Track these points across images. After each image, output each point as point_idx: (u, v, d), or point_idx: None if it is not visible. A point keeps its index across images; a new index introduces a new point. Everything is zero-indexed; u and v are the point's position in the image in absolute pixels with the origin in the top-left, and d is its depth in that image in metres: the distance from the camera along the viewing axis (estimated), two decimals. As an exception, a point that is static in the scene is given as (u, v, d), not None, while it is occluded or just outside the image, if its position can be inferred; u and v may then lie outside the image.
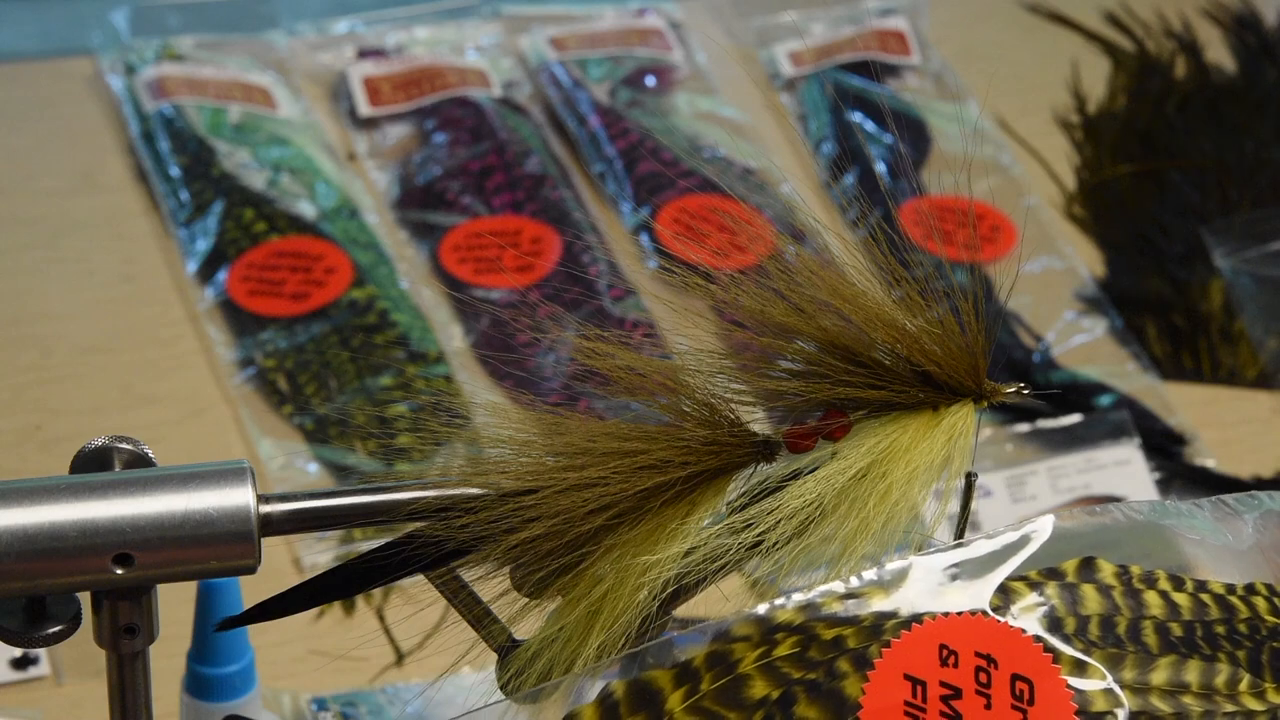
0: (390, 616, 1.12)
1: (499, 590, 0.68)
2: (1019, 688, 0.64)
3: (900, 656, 0.63)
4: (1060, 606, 0.65)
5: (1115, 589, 0.66)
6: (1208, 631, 0.66)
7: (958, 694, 0.63)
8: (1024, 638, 0.64)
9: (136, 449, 0.68)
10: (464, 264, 1.34)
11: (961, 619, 0.64)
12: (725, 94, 1.50)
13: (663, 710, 0.63)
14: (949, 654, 0.64)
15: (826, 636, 0.64)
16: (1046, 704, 0.64)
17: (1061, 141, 1.52)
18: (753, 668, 0.64)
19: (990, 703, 0.63)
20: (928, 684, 0.63)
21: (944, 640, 0.64)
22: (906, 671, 0.63)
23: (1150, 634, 0.66)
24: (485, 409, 0.68)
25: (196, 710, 0.93)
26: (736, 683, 0.64)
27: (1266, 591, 0.68)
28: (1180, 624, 0.66)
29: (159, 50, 1.46)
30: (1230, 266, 1.38)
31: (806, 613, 0.64)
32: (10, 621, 0.67)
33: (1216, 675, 0.66)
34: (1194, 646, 0.66)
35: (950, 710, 0.63)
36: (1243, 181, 1.47)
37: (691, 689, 0.64)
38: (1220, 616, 0.66)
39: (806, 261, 0.68)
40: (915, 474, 0.68)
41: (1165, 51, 1.60)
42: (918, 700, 0.63)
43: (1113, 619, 0.65)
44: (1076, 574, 0.66)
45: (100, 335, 1.28)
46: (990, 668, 0.64)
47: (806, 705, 0.64)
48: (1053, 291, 1.38)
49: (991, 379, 0.69)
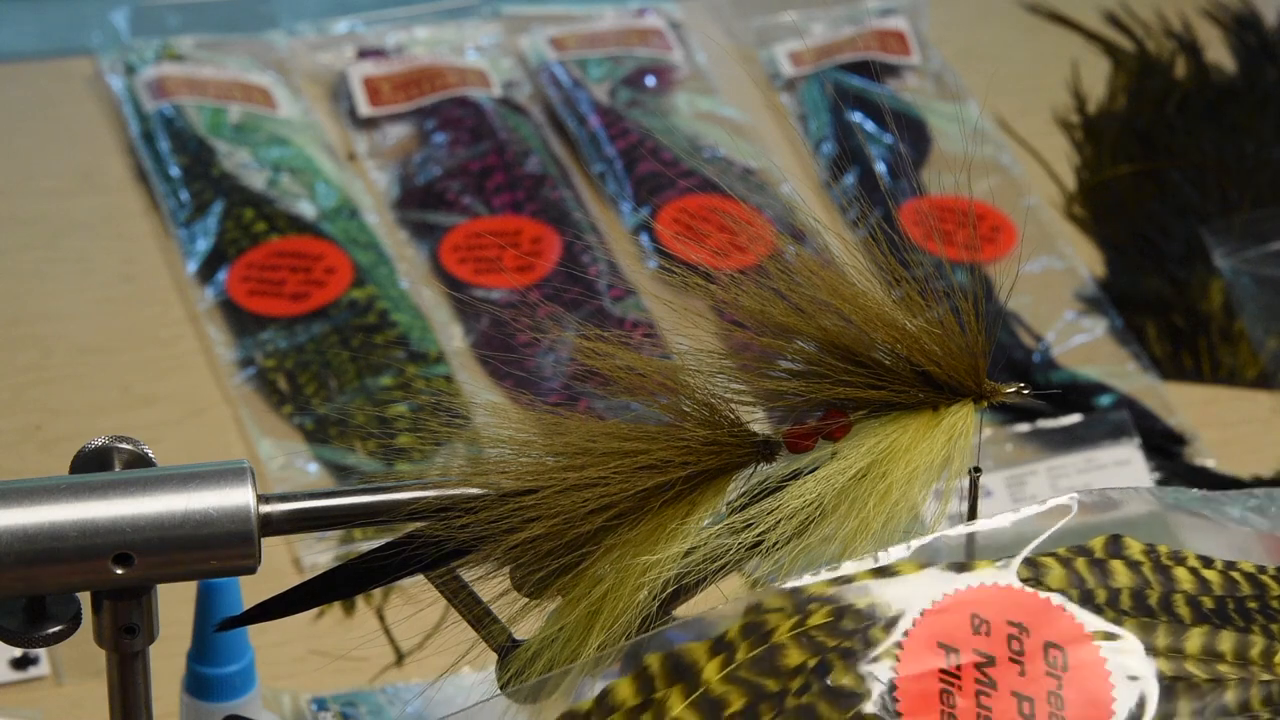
0: (390, 616, 1.12)
1: (499, 590, 0.68)
2: (1052, 655, 0.64)
3: (933, 625, 0.64)
4: (1090, 579, 0.65)
5: (1144, 564, 0.66)
6: (1240, 605, 0.66)
7: (991, 661, 0.64)
8: (1054, 606, 0.64)
9: (136, 449, 0.68)
10: (464, 264, 1.34)
11: (992, 589, 0.64)
12: (725, 94, 1.50)
13: (700, 680, 0.64)
14: (981, 622, 0.64)
15: (860, 605, 0.64)
16: (1081, 670, 0.64)
17: (1061, 141, 1.52)
18: (787, 637, 0.64)
19: (1024, 670, 0.64)
20: (961, 651, 0.64)
21: (975, 610, 0.64)
22: (940, 640, 0.64)
23: (1182, 606, 0.66)
24: (485, 409, 0.68)
25: (196, 710, 0.93)
26: (771, 652, 0.64)
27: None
28: (1212, 598, 0.66)
29: (159, 50, 1.46)
30: (1230, 266, 1.38)
31: (838, 585, 0.64)
32: (10, 621, 0.67)
33: (1251, 647, 0.66)
34: (1227, 618, 0.66)
35: (985, 677, 0.64)
36: (1243, 181, 1.47)
37: (727, 659, 0.64)
38: (1252, 593, 0.66)
39: (806, 261, 0.68)
40: (915, 474, 0.68)
41: (1165, 51, 1.60)
42: (951, 667, 0.64)
43: (1144, 591, 0.66)
44: (1104, 550, 0.66)
45: (100, 335, 1.28)
46: (1023, 635, 0.64)
47: (842, 672, 0.64)
48: (1053, 291, 1.38)
49: (991, 379, 0.69)
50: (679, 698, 0.64)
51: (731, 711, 0.64)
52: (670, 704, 0.64)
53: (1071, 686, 0.64)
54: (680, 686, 0.64)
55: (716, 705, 0.64)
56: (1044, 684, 0.64)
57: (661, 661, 0.64)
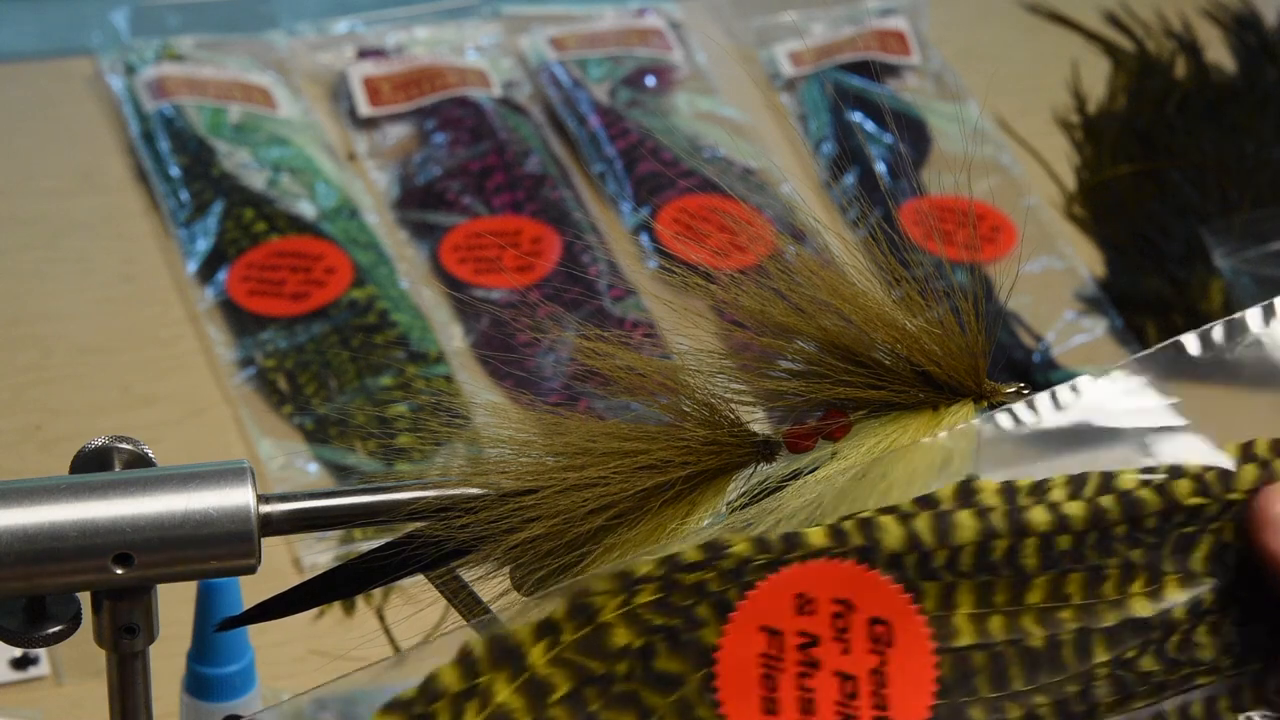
0: (390, 616, 1.12)
1: (499, 590, 0.68)
2: (877, 630, 0.63)
3: (756, 609, 0.63)
4: (930, 539, 0.64)
5: (995, 510, 0.65)
6: (1102, 537, 0.65)
7: (815, 641, 0.63)
8: (881, 580, 0.63)
9: (136, 449, 0.68)
10: (464, 264, 1.34)
11: (819, 564, 0.63)
12: (725, 94, 1.50)
13: (525, 664, 0.63)
14: (806, 602, 0.63)
15: (687, 581, 0.64)
16: (905, 643, 0.63)
17: (1061, 141, 1.52)
18: (614, 615, 0.63)
19: (848, 647, 0.63)
20: (784, 634, 0.63)
21: (801, 589, 0.63)
22: (763, 624, 0.63)
23: (1031, 554, 0.65)
24: (485, 409, 0.68)
25: (196, 710, 0.93)
26: (598, 631, 0.63)
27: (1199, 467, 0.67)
28: (1070, 535, 0.65)
29: (159, 50, 1.46)
30: (1230, 266, 1.38)
31: (667, 564, 0.64)
32: (10, 621, 0.67)
33: (1104, 582, 0.65)
34: (1080, 558, 0.65)
35: (808, 657, 0.63)
36: (1243, 181, 1.47)
37: (553, 641, 0.63)
38: (1121, 517, 0.66)
39: (806, 261, 0.68)
40: (915, 474, 0.68)
41: (1165, 51, 1.60)
42: (774, 651, 0.63)
43: (989, 544, 0.64)
44: (954, 499, 0.65)
45: (100, 335, 1.28)
46: (848, 612, 0.63)
47: (666, 657, 0.64)
48: (1053, 291, 1.38)
49: (991, 379, 0.69)
50: (504, 682, 0.63)
51: (558, 696, 0.63)
52: (496, 688, 0.63)
53: (895, 662, 0.63)
54: (506, 670, 0.63)
55: (543, 688, 0.63)
56: (868, 661, 0.63)
57: (486, 645, 0.63)
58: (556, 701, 0.63)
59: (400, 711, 0.64)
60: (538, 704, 0.63)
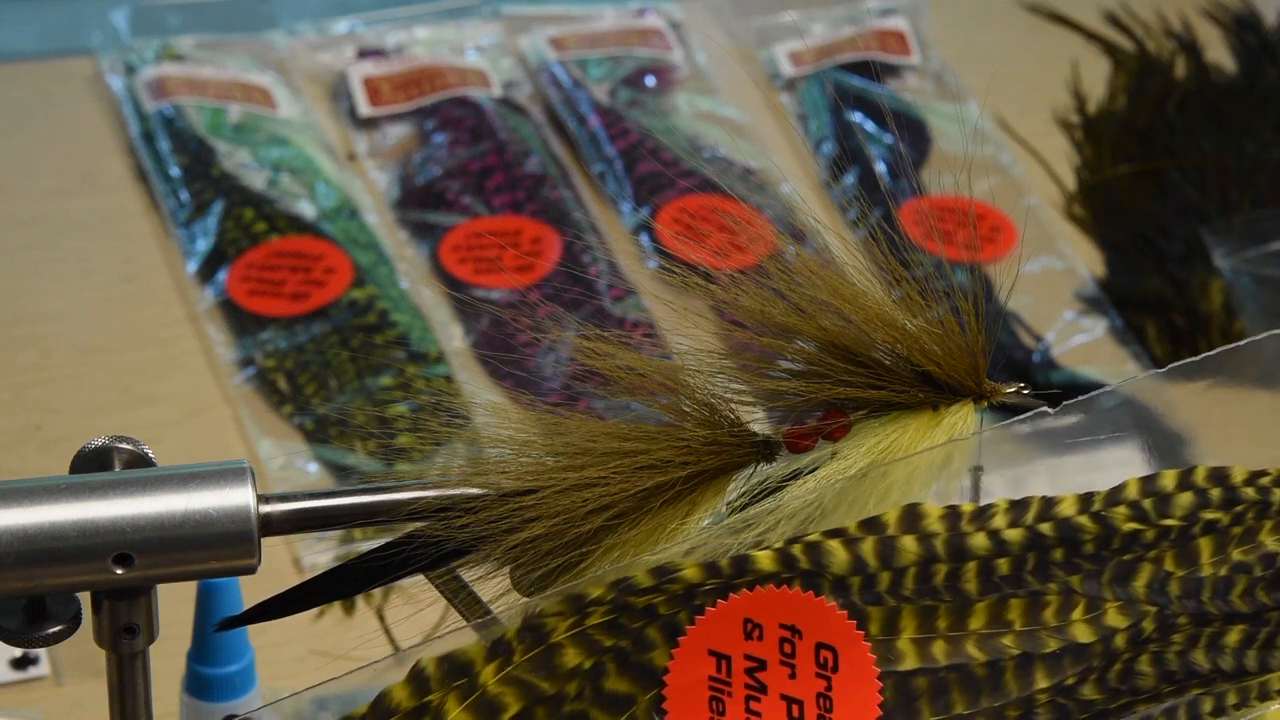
0: (390, 616, 1.12)
1: (499, 590, 0.68)
2: (823, 656, 0.64)
3: (705, 634, 0.64)
4: (874, 562, 0.65)
5: (938, 536, 0.65)
6: (1041, 561, 0.66)
7: (762, 665, 0.64)
8: (827, 606, 0.64)
9: (136, 449, 0.68)
10: (464, 264, 1.34)
11: (767, 591, 0.64)
12: (725, 94, 1.50)
13: (477, 683, 0.64)
14: (754, 627, 0.64)
15: (638, 604, 0.64)
16: (850, 669, 0.64)
17: (1061, 141, 1.52)
18: (564, 636, 0.64)
19: (795, 672, 0.64)
20: (732, 658, 0.64)
21: (748, 614, 0.64)
22: (711, 648, 0.64)
23: (971, 579, 0.65)
24: (485, 409, 0.68)
25: (196, 710, 0.93)
26: (549, 651, 0.64)
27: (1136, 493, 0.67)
28: (1009, 560, 0.66)
29: (159, 50, 1.46)
30: (1230, 266, 1.38)
31: (617, 588, 0.64)
32: (10, 621, 0.67)
33: (1044, 608, 0.65)
34: (1020, 583, 0.65)
35: (755, 681, 0.64)
36: (1243, 181, 1.47)
37: (504, 661, 0.64)
38: (1057, 540, 0.66)
39: (806, 261, 0.68)
40: (915, 474, 0.68)
41: (1165, 51, 1.60)
42: (722, 674, 0.64)
43: (930, 568, 0.65)
44: (898, 525, 0.66)
45: (100, 335, 1.28)
46: (795, 638, 0.64)
47: (616, 678, 0.64)
48: (1053, 291, 1.38)
49: (991, 379, 0.69)
50: (455, 700, 0.64)
51: (508, 715, 0.64)
52: (447, 707, 0.63)
53: (840, 687, 0.64)
54: (457, 689, 0.64)
55: (493, 708, 0.63)
56: (814, 685, 0.64)
57: (437, 664, 0.64)
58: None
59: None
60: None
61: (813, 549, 0.64)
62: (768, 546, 0.65)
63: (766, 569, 0.64)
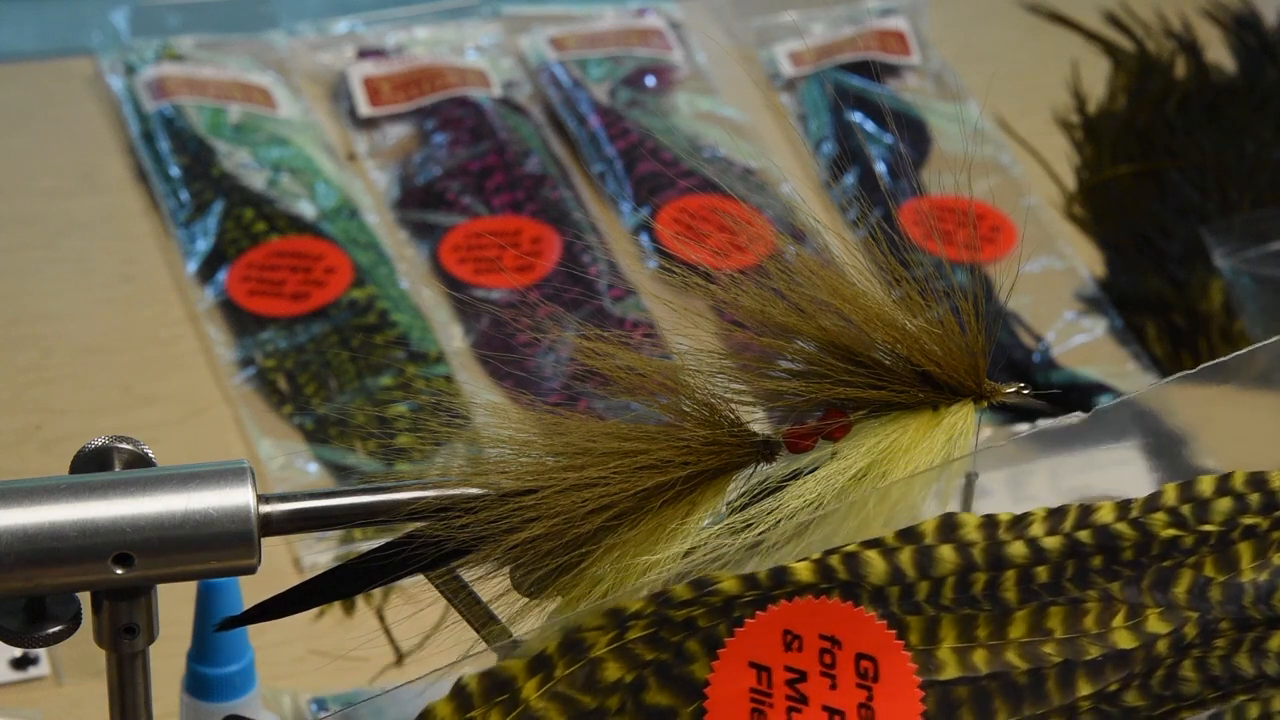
0: (390, 616, 1.12)
1: (499, 590, 0.68)
2: (863, 666, 0.64)
3: (745, 645, 0.64)
4: (912, 572, 0.65)
5: (976, 545, 0.65)
6: (1080, 569, 0.66)
7: (803, 677, 0.64)
8: (866, 616, 0.64)
9: (136, 449, 0.68)
10: (464, 264, 1.34)
11: (805, 603, 0.64)
12: (725, 94, 1.50)
13: (519, 698, 0.64)
14: (793, 639, 0.64)
15: (677, 618, 0.64)
16: (891, 679, 0.64)
17: (1061, 141, 1.52)
18: (605, 651, 0.64)
19: (835, 683, 0.64)
20: (772, 670, 0.64)
21: (788, 626, 0.64)
22: (752, 659, 0.64)
23: (1010, 587, 0.65)
24: (485, 409, 0.68)
25: (196, 710, 0.93)
26: (590, 666, 0.64)
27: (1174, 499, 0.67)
28: (1048, 568, 0.65)
29: (159, 50, 1.46)
30: (1230, 266, 1.38)
31: (657, 601, 0.64)
32: (10, 621, 0.67)
33: (1085, 615, 0.65)
34: (1059, 591, 0.65)
35: (795, 693, 0.64)
36: (1243, 181, 1.47)
37: (546, 676, 0.64)
38: (1096, 547, 0.66)
39: (806, 261, 0.68)
40: (915, 474, 0.68)
41: (1165, 51, 1.60)
42: (763, 686, 0.64)
43: (969, 577, 0.65)
44: (935, 535, 0.66)
45: (100, 335, 1.28)
46: (835, 649, 0.64)
47: (657, 691, 0.64)
48: (1053, 291, 1.38)
49: (991, 379, 0.69)
50: (498, 716, 0.64)
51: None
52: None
53: (882, 697, 0.64)
54: (499, 704, 0.64)
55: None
56: (855, 695, 0.64)
57: (479, 680, 0.64)
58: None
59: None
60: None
61: (850, 559, 0.65)
62: (805, 558, 0.65)
63: (805, 580, 0.64)
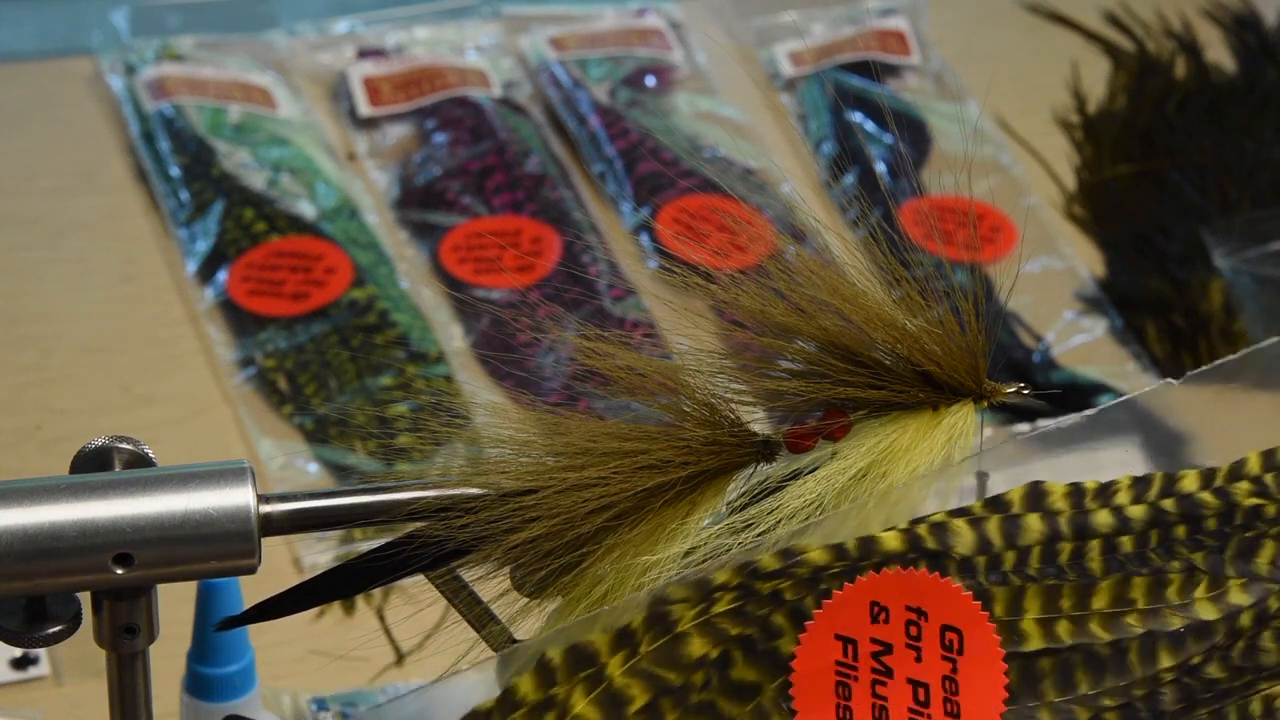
0: (390, 616, 1.12)
1: (499, 590, 0.68)
2: (948, 638, 0.64)
3: (832, 618, 0.64)
4: (999, 542, 0.65)
5: (1063, 514, 0.66)
6: (1164, 538, 0.66)
7: (888, 649, 0.64)
8: (953, 588, 0.64)
9: (136, 449, 0.68)
10: (464, 264, 1.34)
11: (893, 574, 0.64)
12: (725, 94, 1.50)
13: (603, 674, 0.64)
14: (880, 610, 0.64)
15: (764, 590, 0.64)
16: (975, 651, 0.64)
17: (1061, 141, 1.52)
18: (690, 626, 0.64)
19: (920, 655, 0.64)
20: (858, 642, 0.64)
21: (875, 597, 0.64)
22: (838, 632, 0.64)
23: (1095, 557, 0.65)
24: (485, 409, 0.68)
25: (196, 710, 0.93)
26: (674, 642, 0.64)
27: (1258, 468, 0.67)
28: (1132, 537, 0.66)
29: (159, 50, 1.46)
30: (1230, 266, 1.38)
31: (744, 572, 0.64)
32: (10, 621, 0.67)
33: (1168, 586, 0.65)
34: (1144, 560, 0.65)
35: (881, 665, 0.64)
36: (1243, 181, 1.47)
37: (630, 652, 0.64)
38: (1179, 516, 0.66)
39: (806, 261, 0.69)
40: (915, 472, 0.68)
41: (1165, 51, 1.60)
42: (848, 659, 0.64)
43: (1054, 547, 0.65)
44: (1022, 503, 0.66)
45: (100, 335, 1.28)
46: (921, 620, 0.64)
47: (743, 667, 0.64)
48: (1053, 291, 1.38)
49: (991, 379, 0.69)
50: (581, 694, 0.64)
51: (635, 709, 0.64)
52: (573, 700, 0.64)
53: (966, 670, 0.64)
54: (584, 681, 0.64)
55: (619, 700, 0.64)
56: (939, 668, 0.64)
57: (564, 655, 0.64)
58: (634, 713, 0.63)
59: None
60: (615, 715, 0.63)
61: (938, 529, 0.65)
62: (893, 527, 0.65)
63: (893, 549, 0.64)
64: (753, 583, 0.64)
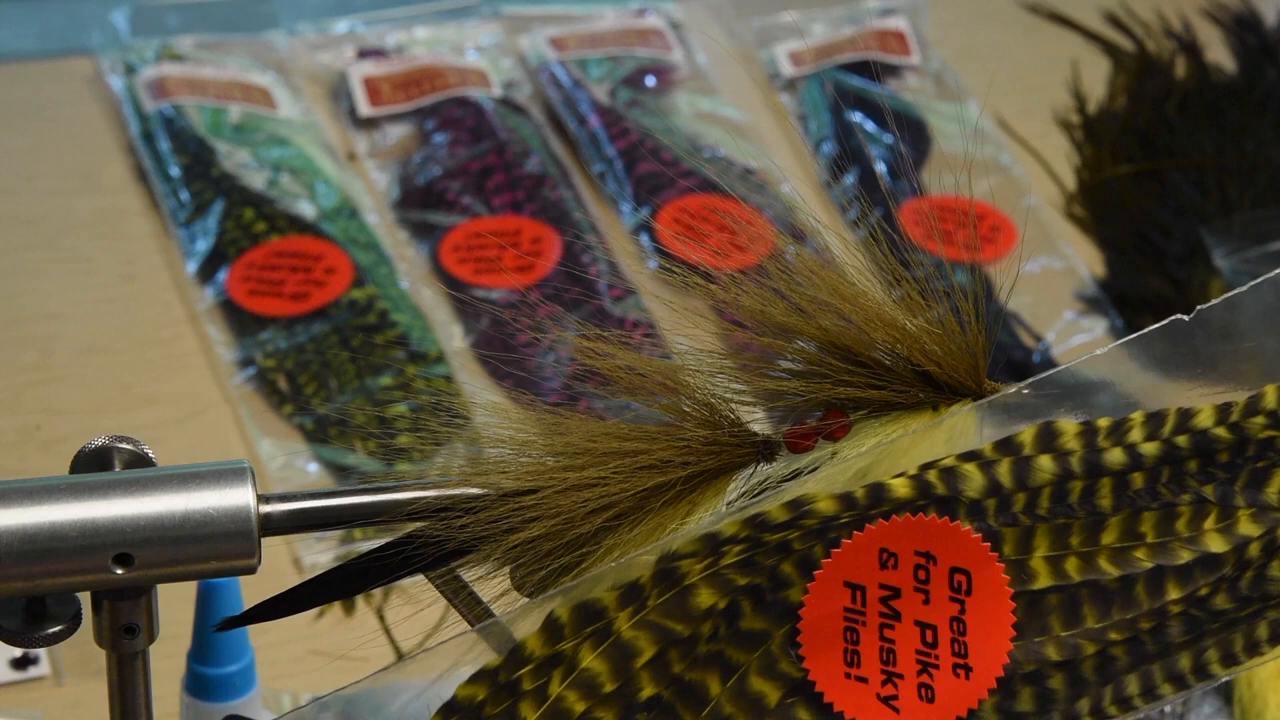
0: (390, 616, 1.12)
1: (499, 590, 0.68)
2: (957, 580, 0.64)
3: (841, 566, 0.64)
4: (1010, 483, 0.65)
5: (1074, 454, 0.65)
6: (1175, 473, 0.66)
7: (896, 594, 0.64)
8: (962, 531, 0.64)
9: (136, 449, 0.68)
10: (464, 264, 1.34)
11: (903, 521, 0.64)
12: (725, 94, 1.50)
13: (611, 629, 0.64)
14: (889, 556, 0.64)
15: (772, 541, 0.64)
16: (983, 591, 0.64)
17: (1061, 141, 1.52)
18: (699, 578, 0.64)
19: (929, 598, 0.64)
20: (867, 588, 0.64)
21: (884, 544, 0.64)
22: (847, 579, 0.64)
23: (1105, 495, 0.65)
24: (485, 409, 0.68)
25: (196, 710, 0.93)
26: (683, 594, 0.64)
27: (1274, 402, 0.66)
28: (1144, 474, 0.65)
29: (159, 50, 1.46)
30: (1230, 266, 1.38)
31: (752, 524, 0.64)
32: (10, 621, 0.67)
33: (1177, 519, 0.65)
34: (1154, 496, 0.65)
35: (889, 609, 0.64)
36: (1243, 181, 1.47)
37: (638, 606, 0.64)
38: (1191, 451, 0.66)
39: (806, 261, 0.68)
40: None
41: (1165, 51, 1.60)
42: (856, 605, 0.64)
43: (1065, 486, 0.65)
44: (1034, 444, 0.66)
45: (100, 335, 1.28)
46: (929, 564, 0.64)
47: (751, 616, 0.64)
48: (1053, 291, 1.38)
49: (991, 379, 0.69)
50: (589, 647, 0.64)
51: (643, 660, 0.64)
52: (581, 654, 0.64)
53: (974, 610, 0.64)
54: (591, 635, 0.64)
55: (627, 652, 0.64)
56: (947, 610, 0.64)
57: (571, 611, 0.64)
58: (642, 666, 0.64)
59: (485, 680, 0.65)
60: (623, 668, 0.64)
61: (948, 474, 0.65)
62: (903, 474, 0.65)
63: (902, 496, 0.64)
64: (761, 534, 0.64)
